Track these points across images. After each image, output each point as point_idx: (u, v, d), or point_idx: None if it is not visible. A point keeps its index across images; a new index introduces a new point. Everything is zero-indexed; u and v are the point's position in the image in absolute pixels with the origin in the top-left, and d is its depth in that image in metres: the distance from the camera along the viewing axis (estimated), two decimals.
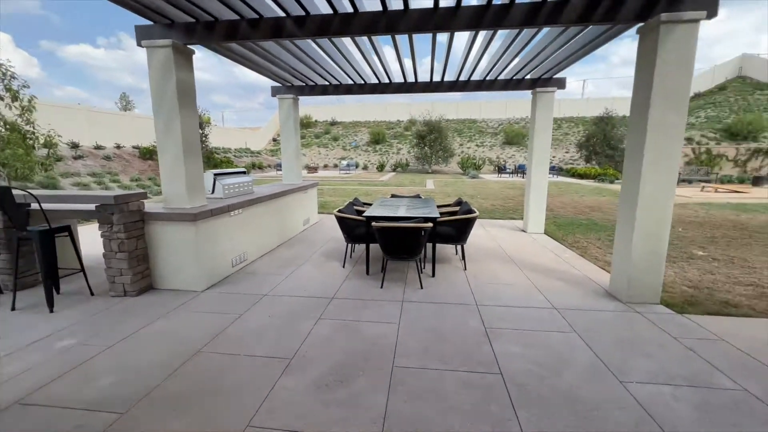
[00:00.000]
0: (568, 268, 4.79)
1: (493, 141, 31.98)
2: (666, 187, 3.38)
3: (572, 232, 7.03)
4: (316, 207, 8.21)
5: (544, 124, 6.71)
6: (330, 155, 31.65)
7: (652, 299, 3.59)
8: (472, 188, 15.47)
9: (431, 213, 4.53)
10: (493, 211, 9.63)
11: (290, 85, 7.30)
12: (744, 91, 28.07)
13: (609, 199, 11.94)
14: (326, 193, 13.52)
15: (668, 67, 3.20)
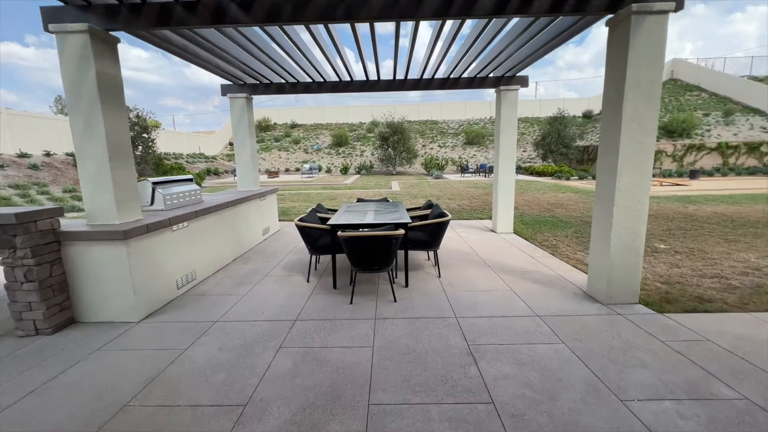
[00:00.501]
0: (543, 269, 4.66)
1: (455, 141, 32.53)
2: (642, 181, 3.28)
3: (540, 230, 7.02)
4: (276, 214, 7.63)
5: (509, 122, 6.64)
6: (291, 159, 30.63)
7: (631, 299, 3.49)
8: (437, 189, 15.44)
9: (402, 218, 4.20)
10: (461, 211, 9.53)
11: (242, 83, 6.70)
12: (676, 92, 30.67)
13: (568, 195, 12.33)
14: (288, 199, 12.85)
15: (640, 59, 3.10)
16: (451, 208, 10.00)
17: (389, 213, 4.65)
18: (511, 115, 6.63)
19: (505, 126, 6.65)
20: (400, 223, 3.95)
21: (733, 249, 5.37)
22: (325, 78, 6.63)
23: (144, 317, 3.43)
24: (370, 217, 4.37)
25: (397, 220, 4.09)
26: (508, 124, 6.64)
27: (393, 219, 4.17)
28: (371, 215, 4.51)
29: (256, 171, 7.18)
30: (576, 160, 24.13)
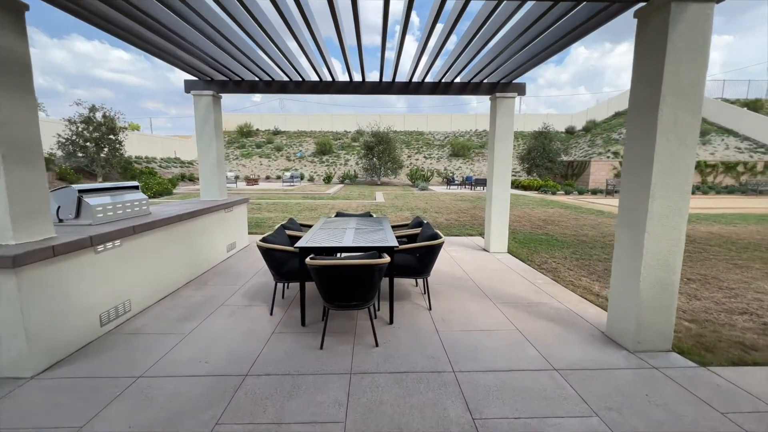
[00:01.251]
0: (548, 300, 4.03)
1: (440, 153, 32.32)
2: (679, 204, 2.70)
3: (536, 250, 6.45)
4: (245, 228, 6.80)
5: (504, 132, 6.10)
6: (273, 166, 29.63)
7: (664, 345, 2.88)
8: (423, 201, 14.86)
9: (387, 240, 3.50)
10: (449, 226, 8.92)
11: (209, 79, 5.93)
12: None
13: (558, 211, 11.95)
14: (264, 209, 11.98)
15: (681, 55, 2.54)
16: (438, 223, 9.38)
17: (372, 232, 3.95)
18: (507, 125, 6.10)
19: (500, 136, 6.10)
20: (385, 246, 3.25)
21: (748, 276, 4.91)
22: (304, 77, 5.95)
23: (42, 370, 2.58)
24: (349, 237, 3.65)
25: (382, 242, 3.39)
26: (504, 134, 6.10)
27: (377, 241, 3.46)
28: (350, 235, 3.80)
29: (223, 178, 6.36)
30: (560, 175, 24.16)
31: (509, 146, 6.16)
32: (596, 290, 4.38)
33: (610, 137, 28.24)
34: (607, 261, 5.77)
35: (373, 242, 3.40)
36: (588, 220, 9.94)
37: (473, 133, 36.34)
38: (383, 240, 3.48)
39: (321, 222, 4.70)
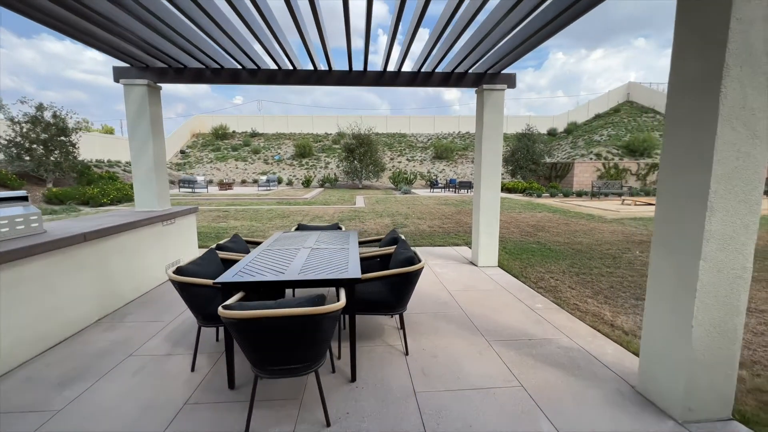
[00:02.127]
0: (554, 333, 3.25)
1: (423, 155, 31.71)
2: (747, 219, 1.94)
3: (529, 263, 5.71)
4: (194, 242, 5.79)
5: (493, 128, 5.34)
6: (249, 170, 28.32)
7: (723, 412, 2.11)
8: (405, 206, 14.06)
9: (347, 269, 2.63)
10: (433, 234, 8.12)
11: (144, 66, 4.95)
12: (633, 113, 31.84)
13: (546, 215, 11.34)
14: (233, 216, 10.91)
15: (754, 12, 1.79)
16: (421, 231, 8.57)
17: (333, 254, 3.08)
18: (496, 121, 5.34)
19: (488, 134, 5.34)
20: (342, 279, 2.38)
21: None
22: (260, 65, 5.05)
23: None
24: (297, 266, 2.75)
25: (339, 272, 2.52)
26: (492, 131, 5.34)
27: (334, 269, 2.59)
28: (302, 259, 2.91)
29: (164, 184, 5.36)
30: (544, 177, 23.86)
31: (499, 145, 5.41)
32: (608, 317, 3.63)
33: (592, 139, 28.25)
34: (610, 276, 5.06)
35: (328, 273, 2.53)
36: (579, 225, 9.33)
37: (456, 135, 35.94)
38: (341, 269, 2.61)
39: (272, 239, 3.80)
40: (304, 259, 2.90)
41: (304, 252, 3.16)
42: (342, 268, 2.63)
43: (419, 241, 7.39)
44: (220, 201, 15.40)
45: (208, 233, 8.21)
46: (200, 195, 17.84)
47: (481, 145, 5.40)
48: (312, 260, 2.87)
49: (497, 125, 5.35)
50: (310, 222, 9.86)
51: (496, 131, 5.37)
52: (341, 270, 2.57)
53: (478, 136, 5.53)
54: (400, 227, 9.02)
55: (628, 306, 3.97)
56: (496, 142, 5.39)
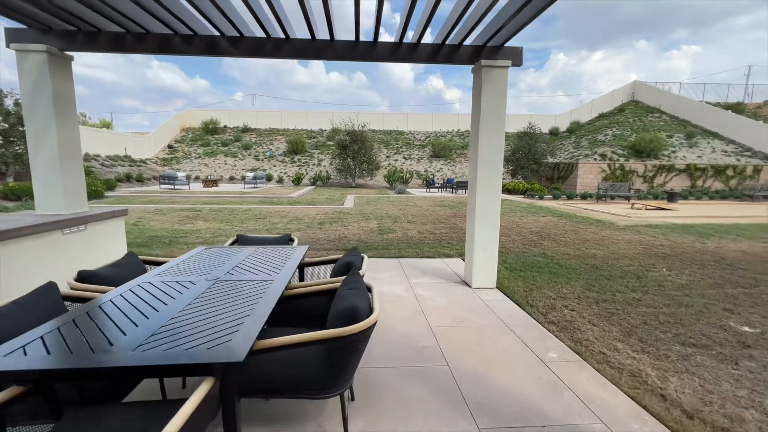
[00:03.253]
0: (580, 413, 2.16)
1: (421, 154, 30.60)
2: None
3: (536, 284, 4.63)
4: (118, 253, 4.67)
5: (493, 117, 4.25)
6: (239, 166, 27.16)
7: None
8: (397, 207, 12.96)
9: (230, 340, 1.53)
10: (422, 242, 7.03)
11: (46, 27, 3.84)
12: (639, 113, 30.76)
13: (550, 220, 10.26)
14: (203, 217, 9.79)
15: None
16: (409, 237, 7.48)
17: (239, 294, 1.98)
18: (497, 107, 4.25)
19: (487, 123, 4.25)
20: (212, 365, 1.29)
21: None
22: (196, 30, 3.93)
23: None
24: (152, 325, 1.64)
25: (211, 345, 1.42)
26: (492, 120, 4.25)
27: (207, 339, 1.49)
28: (175, 308, 1.81)
29: (76, 181, 4.24)
30: (546, 178, 22.77)
31: (500, 139, 4.31)
32: (654, 379, 2.55)
33: (596, 138, 27.17)
34: (639, 304, 3.98)
35: (194, 341, 1.43)
36: (589, 233, 8.24)
37: (456, 134, 34.83)
38: (221, 335, 1.51)
39: (180, 259, 2.70)
40: (183, 305, 1.80)
41: (198, 288, 2.07)
42: (226, 331, 1.53)
43: (405, 251, 6.30)
44: (198, 199, 14.28)
45: (163, 237, 7.11)
46: (179, 192, 16.72)
47: (477, 139, 4.30)
48: (194, 310, 1.77)
49: (498, 113, 4.26)
50: (286, 226, 8.76)
51: (497, 121, 4.27)
52: (220, 338, 1.47)
53: (474, 128, 4.43)
54: (385, 233, 7.93)
55: (675, 356, 2.89)
56: (497, 134, 4.29)
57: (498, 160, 4.35)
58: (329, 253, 6.07)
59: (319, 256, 5.69)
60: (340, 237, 7.42)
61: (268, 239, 3.64)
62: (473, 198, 4.46)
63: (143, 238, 7.04)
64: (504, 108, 4.29)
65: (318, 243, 6.88)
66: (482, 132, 4.26)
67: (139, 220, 9.22)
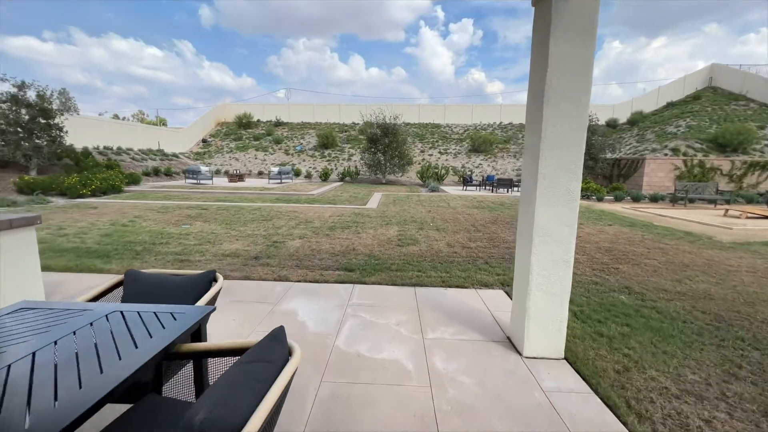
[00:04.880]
0: None
1: (458, 148, 28.39)
2: None
3: (632, 354, 2.81)
4: (20, 276, 3.46)
5: (572, 71, 2.48)
6: (269, 161, 26.62)
7: None
8: (426, 208, 11.24)
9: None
10: (450, 261, 5.33)
11: None
12: (719, 101, 26.36)
13: (620, 230, 8.07)
14: (204, 217, 8.73)
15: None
16: (435, 252, 5.80)
17: None
18: (579, 53, 2.47)
19: (561, 85, 2.49)
20: None
21: None
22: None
23: None
24: None
25: None
26: (570, 79, 2.49)
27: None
28: None
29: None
30: (603, 176, 19.85)
31: (581, 110, 2.54)
32: None
33: (665, 131, 23.47)
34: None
35: None
36: (683, 252, 6.07)
37: (497, 126, 32.14)
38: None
39: None
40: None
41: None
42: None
43: (426, 274, 4.65)
44: (213, 195, 13.46)
45: (143, 242, 5.98)
46: (200, 187, 16.11)
47: (540, 113, 2.55)
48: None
49: (582, 65, 2.48)
50: (290, 231, 7.39)
51: (579, 79, 2.49)
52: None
53: (535, 96, 2.68)
54: (406, 244, 6.29)
55: None
56: (577, 102, 2.52)
57: (577, 147, 2.57)
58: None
59: (313, 274, 4.29)
60: (347, 249, 5.90)
61: (169, 282, 2.17)
62: (529, 209, 2.73)
63: (118, 243, 5.96)
64: (591, 57, 2.49)
65: (318, 257, 5.41)
66: (550, 102, 2.50)
67: (136, 218, 8.31)
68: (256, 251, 5.67)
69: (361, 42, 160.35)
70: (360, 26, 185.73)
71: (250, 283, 4.32)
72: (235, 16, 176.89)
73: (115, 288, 2.13)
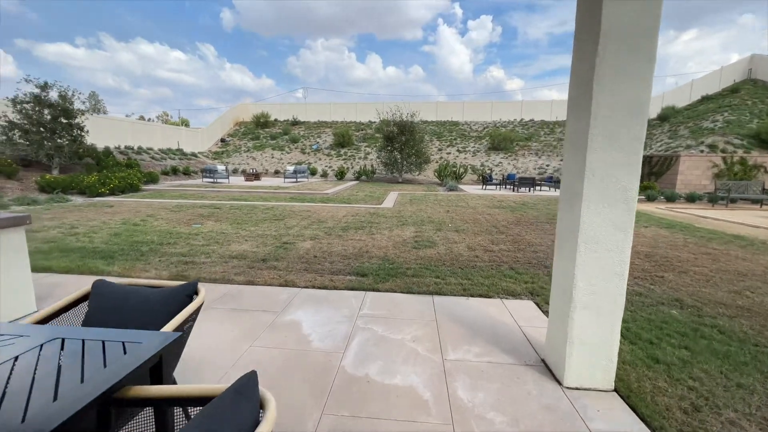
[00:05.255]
0: None
1: (477, 146, 27.63)
2: None
3: (699, 387, 2.31)
4: (13, 284, 3.24)
5: (631, 40, 2.00)
6: (285, 159, 26.62)
7: None
8: (445, 208, 10.76)
9: None
10: (472, 265, 4.88)
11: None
12: (759, 94, 24.60)
13: (658, 232, 7.38)
14: (216, 216, 8.55)
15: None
16: (455, 256, 5.35)
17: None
18: (640, 17, 1.99)
19: (617, 59, 2.02)
20: None
21: None
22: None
23: None
24: None
25: None
26: (629, 51, 2.01)
27: None
28: None
29: None
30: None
31: (643, 88, 2.06)
32: None
33: (700, 126, 22.05)
34: None
35: None
36: (736, 259, 5.40)
37: (518, 123, 31.15)
38: None
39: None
40: None
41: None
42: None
43: (445, 281, 4.23)
44: (228, 194, 13.37)
45: (149, 242, 5.79)
46: (216, 186, 16.12)
47: (590, 96, 2.09)
48: None
49: (644, 33, 2.00)
50: (301, 231, 7.09)
51: (640, 54, 2.02)
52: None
53: (580, 74, 2.22)
54: (423, 246, 5.87)
55: None
56: (638, 83, 2.04)
57: (635, 137, 2.10)
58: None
59: (322, 279, 3.72)
60: (359, 252, 5.53)
61: (141, 295, 1.82)
62: (572, 210, 2.27)
63: (126, 243, 5.79)
64: (656, 26, 2.01)
65: (328, 260, 5.06)
66: (604, 78, 2.04)
67: (149, 217, 8.21)
68: (264, 253, 5.37)
69: (378, 41, 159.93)
70: (377, 26, 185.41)
71: (253, 289, 4.00)
72: (256, 18, 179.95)
73: (81, 302, 1.81)
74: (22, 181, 11.89)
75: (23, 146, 12.25)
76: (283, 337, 2.95)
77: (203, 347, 2.76)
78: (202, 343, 2.82)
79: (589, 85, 2.10)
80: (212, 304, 3.58)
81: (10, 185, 11.43)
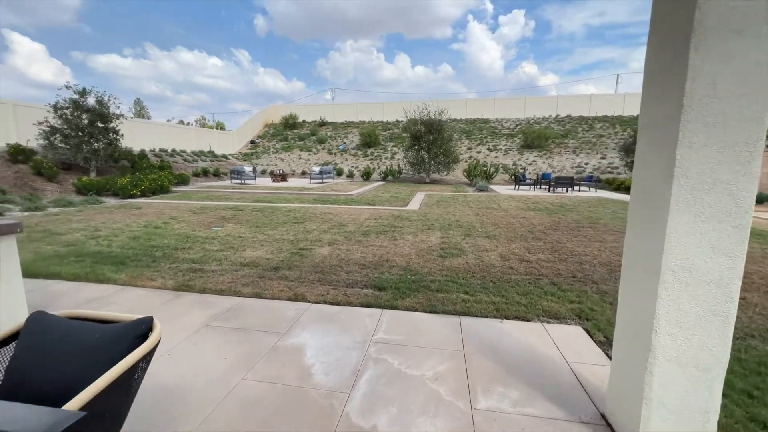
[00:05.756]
0: None
1: (509, 144, 26.41)
2: None
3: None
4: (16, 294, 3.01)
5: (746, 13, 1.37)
6: (312, 160, 26.68)
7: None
8: (474, 210, 10.07)
9: None
10: (505, 277, 4.26)
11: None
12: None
13: None
14: (237, 218, 8.39)
15: None
16: (486, 266, 4.75)
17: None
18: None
19: (721, 9, 1.39)
20: None
21: None
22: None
23: None
24: None
25: None
26: (738, 14, 1.38)
27: None
28: None
29: None
30: None
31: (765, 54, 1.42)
32: None
33: None
34: None
35: None
36: None
37: (553, 120, 29.54)
38: None
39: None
40: None
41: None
42: None
43: (474, 297, 3.66)
44: (253, 195, 13.35)
45: (165, 247, 5.61)
46: (243, 187, 16.25)
47: (685, 63, 1.48)
48: None
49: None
50: (319, 236, 6.72)
51: (752, 18, 1.39)
52: None
53: (663, 35, 1.60)
54: (449, 255, 5.31)
55: None
56: (758, 41, 1.41)
57: (756, 121, 1.47)
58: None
59: (335, 292, 3.09)
60: (379, 260, 5.05)
61: (84, 332, 1.43)
62: (652, 225, 1.67)
63: (141, 248, 5.65)
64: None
65: (344, 269, 4.62)
66: (708, 38, 1.43)
67: (172, 219, 8.17)
68: (277, 260, 5.02)
69: (407, 41, 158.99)
70: (406, 25, 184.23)
71: (259, 303, 3.63)
72: (287, 23, 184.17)
73: (11, 341, 1.44)
74: (61, 184, 12.42)
75: (63, 150, 12.81)
76: (281, 367, 2.53)
77: (188, 377, 2.38)
78: (189, 370, 2.45)
79: (681, 48, 1.50)
80: (212, 321, 3.24)
81: (51, 187, 11.95)
